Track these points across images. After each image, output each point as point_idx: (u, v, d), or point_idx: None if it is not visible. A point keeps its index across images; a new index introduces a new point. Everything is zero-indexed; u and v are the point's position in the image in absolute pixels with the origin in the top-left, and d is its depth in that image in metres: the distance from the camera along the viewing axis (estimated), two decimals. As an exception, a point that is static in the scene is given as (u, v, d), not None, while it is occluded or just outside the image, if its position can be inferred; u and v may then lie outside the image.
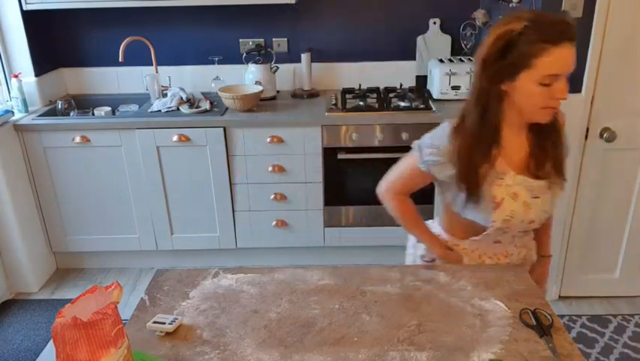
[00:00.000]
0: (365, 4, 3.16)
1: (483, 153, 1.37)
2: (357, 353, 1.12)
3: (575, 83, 2.35)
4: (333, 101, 2.97)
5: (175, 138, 2.80)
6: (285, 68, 3.26)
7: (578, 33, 2.26)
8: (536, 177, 1.41)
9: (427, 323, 1.21)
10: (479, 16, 2.91)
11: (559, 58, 1.24)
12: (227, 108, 2.93)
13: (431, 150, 1.42)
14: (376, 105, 2.91)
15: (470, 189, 1.39)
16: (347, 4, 3.17)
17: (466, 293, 1.31)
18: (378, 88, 3.17)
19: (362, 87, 3.16)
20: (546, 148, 1.41)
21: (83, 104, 3.20)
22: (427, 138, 1.46)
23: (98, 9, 3.09)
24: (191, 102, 3.00)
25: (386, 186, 1.56)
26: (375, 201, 1.61)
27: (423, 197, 2.86)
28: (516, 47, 1.25)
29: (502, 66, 1.28)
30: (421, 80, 3.24)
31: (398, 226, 1.62)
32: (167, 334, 1.19)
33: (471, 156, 1.36)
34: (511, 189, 1.39)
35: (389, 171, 1.56)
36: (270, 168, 2.87)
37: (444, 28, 3.18)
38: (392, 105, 2.89)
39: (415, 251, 1.67)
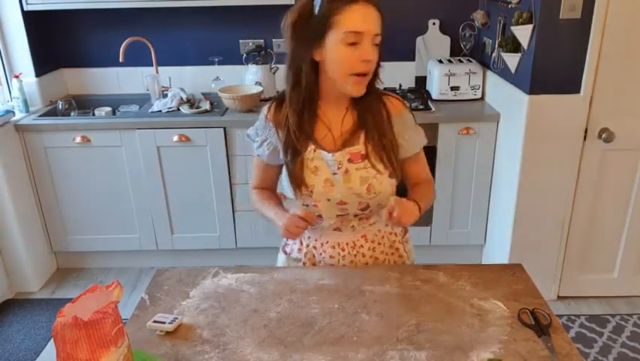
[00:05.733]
0: (365, 4, 3.16)
1: (297, 125, 1.36)
2: (356, 353, 1.12)
3: (573, 84, 2.36)
4: (333, 102, 2.97)
5: (175, 138, 2.81)
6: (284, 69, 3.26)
7: (577, 34, 2.28)
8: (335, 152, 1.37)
9: (426, 323, 1.21)
10: (478, 17, 2.92)
11: (357, 14, 1.25)
12: (227, 109, 2.94)
13: (257, 139, 1.48)
14: (376, 106, 2.90)
15: (288, 165, 1.39)
16: (347, 4, 3.18)
17: (465, 293, 1.32)
18: (377, 88, 3.17)
19: (361, 88, 3.16)
20: (367, 130, 1.37)
21: (83, 104, 3.20)
22: (252, 128, 1.51)
23: (98, 10, 3.09)
24: (191, 103, 3.00)
25: (250, 185, 1.60)
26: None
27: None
28: (320, 7, 1.27)
29: (309, 27, 1.28)
30: (421, 80, 3.25)
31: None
32: (167, 333, 1.20)
33: (288, 129, 1.37)
34: (312, 163, 1.37)
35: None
36: (270, 169, 2.87)
37: (443, 29, 3.19)
38: (392, 106, 2.89)
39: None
